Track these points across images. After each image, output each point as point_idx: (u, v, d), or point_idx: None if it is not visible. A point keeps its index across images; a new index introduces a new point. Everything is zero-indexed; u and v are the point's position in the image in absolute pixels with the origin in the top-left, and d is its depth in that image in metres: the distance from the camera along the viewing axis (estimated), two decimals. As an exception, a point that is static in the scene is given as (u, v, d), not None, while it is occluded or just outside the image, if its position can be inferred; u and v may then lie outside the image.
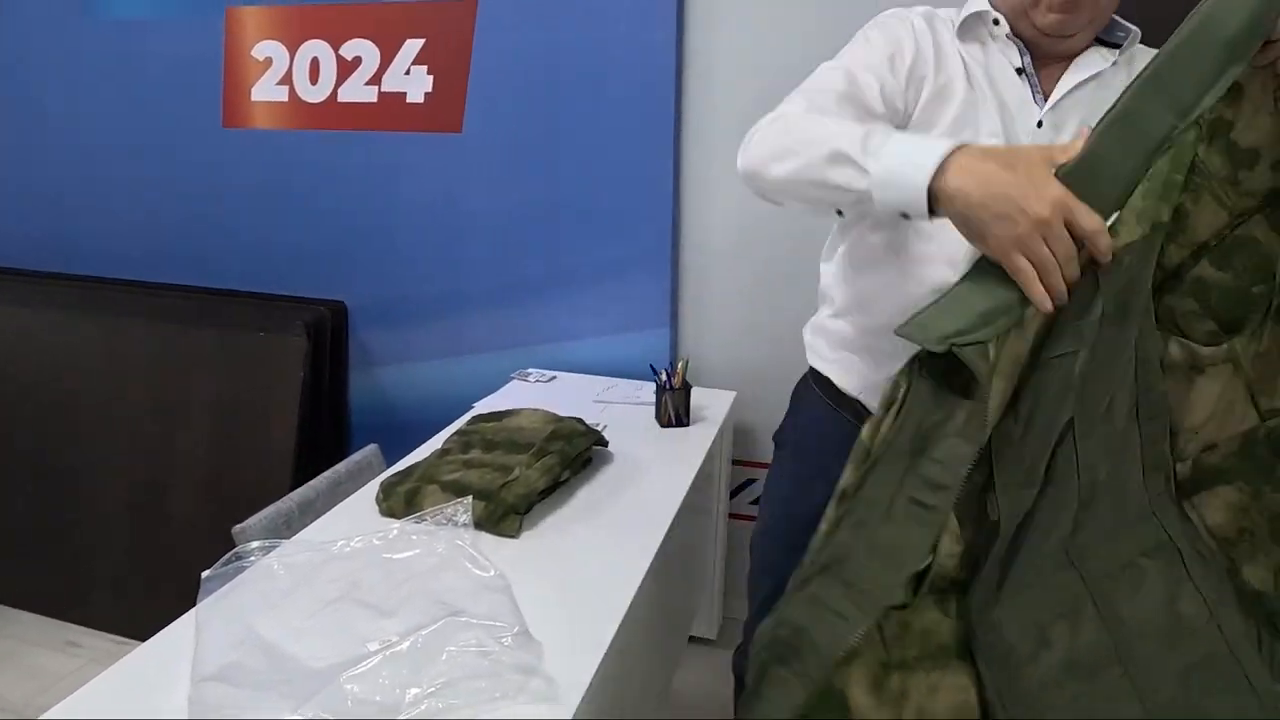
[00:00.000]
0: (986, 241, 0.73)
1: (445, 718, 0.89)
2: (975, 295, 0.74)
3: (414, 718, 0.89)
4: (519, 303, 2.18)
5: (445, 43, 2.04)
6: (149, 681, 0.99)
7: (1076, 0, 1.00)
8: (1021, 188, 0.71)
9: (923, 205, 0.78)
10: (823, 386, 1.24)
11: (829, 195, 0.88)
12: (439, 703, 0.91)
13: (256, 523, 1.33)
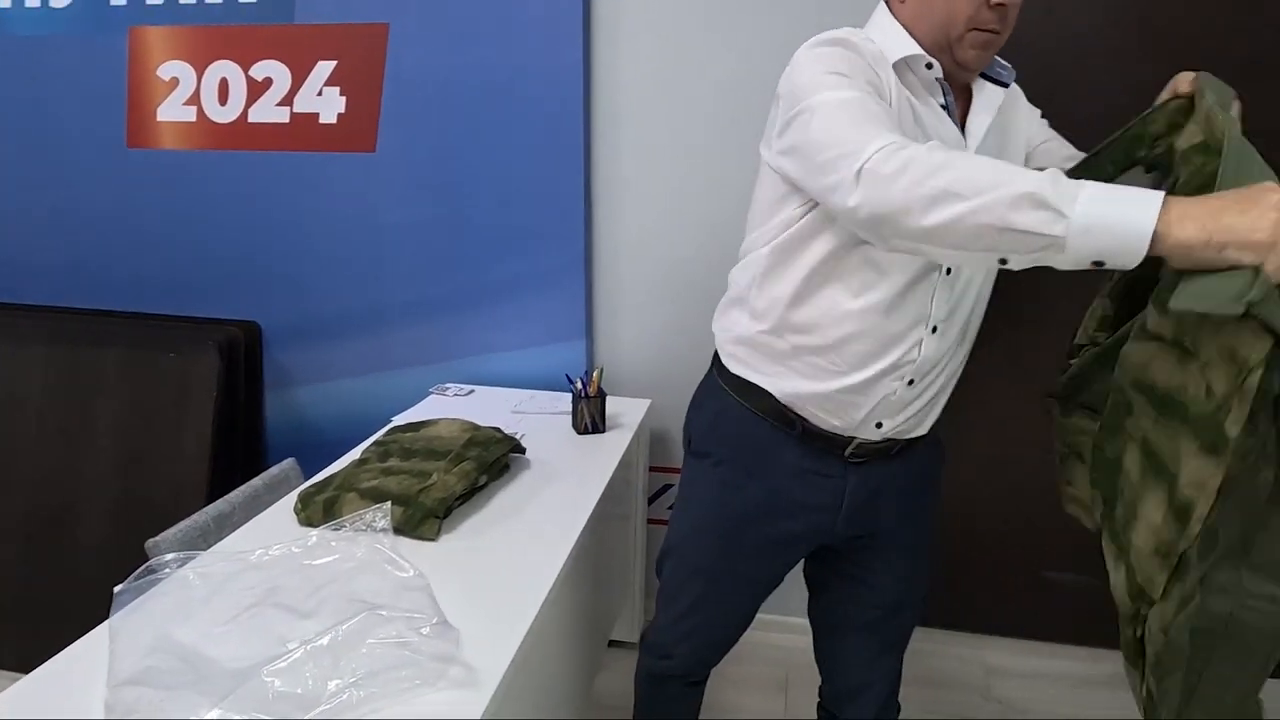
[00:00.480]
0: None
1: (366, 707, 0.93)
2: (1214, 281, 0.75)
3: (334, 709, 0.92)
4: (436, 319, 2.21)
5: (357, 65, 2.07)
6: (62, 691, 0.99)
7: (996, 38, 1.05)
8: (1243, 212, 0.75)
9: (1140, 252, 0.78)
10: (749, 395, 1.24)
11: (1009, 241, 0.83)
12: (361, 692, 0.94)
13: (171, 536, 1.33)
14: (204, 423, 2.05)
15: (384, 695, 0.95)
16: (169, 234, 2.28)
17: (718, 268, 1.37)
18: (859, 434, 1.19)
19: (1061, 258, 0.82)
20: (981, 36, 1.04)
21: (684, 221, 2.06)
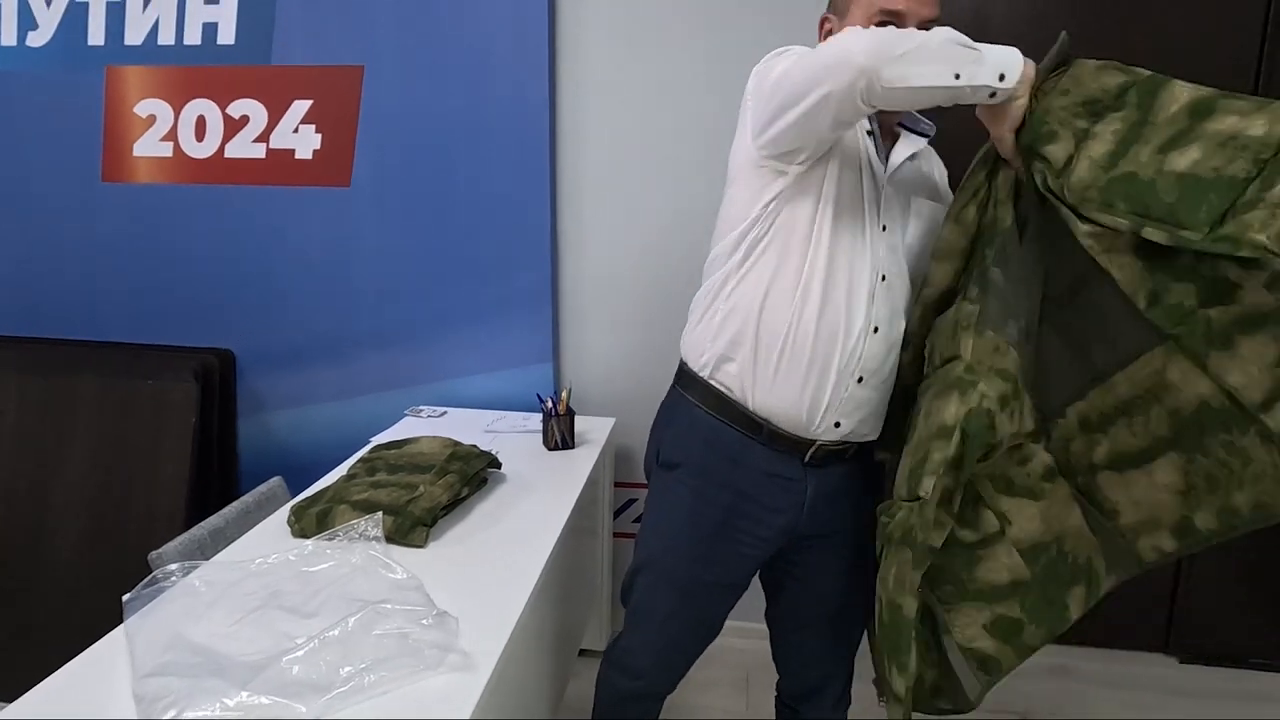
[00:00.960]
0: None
1: (376, 689, 1.03)
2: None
3: (348, 691, 1.02)
4: (408, 344, 2.31)
5: (333, 103, 2.18)
6: (87, 687, 1.06)
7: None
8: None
9: (1018, 66, 1.09)
10: (717, 404, 1.34)
11: (958, 55, 1.07)
12: (371, 676, 1.04)
13: (172, 549, 1.41)
14: (183, 448, 2.11)
15: (391, 679, 1.05)
16: (143, 265, 2.35)
17: (679, 293, 1.50)
18: (820, 436, 1.30)
19: (982, 70, 1.07)
20: None
21: (646, 249, 2.20)
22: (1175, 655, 2.36)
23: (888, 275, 1.27)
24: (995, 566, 1.24)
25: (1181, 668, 2.33)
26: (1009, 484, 1.23)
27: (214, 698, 0.98)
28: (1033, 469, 1.23)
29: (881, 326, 1.28)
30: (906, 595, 1.17)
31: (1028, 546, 1.24)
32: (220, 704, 0.97)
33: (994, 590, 1.24)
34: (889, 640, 1.21)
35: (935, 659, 1.33)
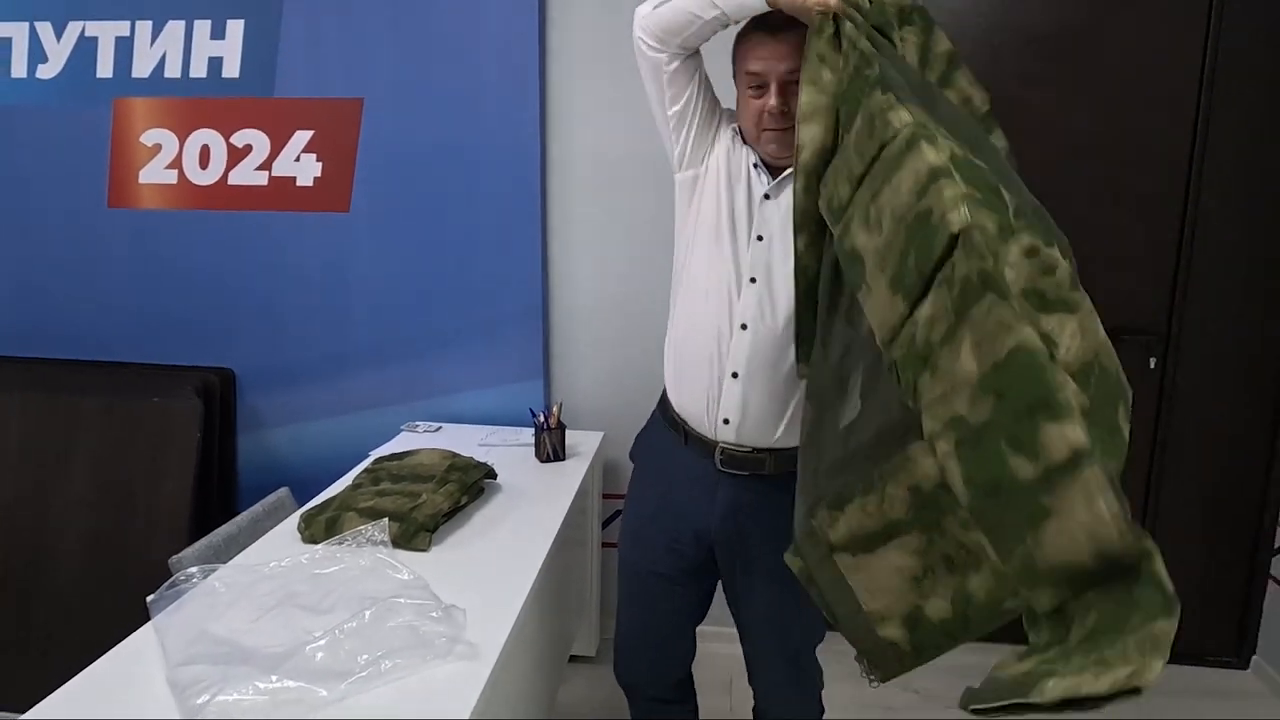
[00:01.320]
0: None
1: (392, 674, 1.12)
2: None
3: (368, 676, 1.11)
4: (404, 363, 2.41)
5: (334, 133, 2.29)
6: (121, 680, 1.15)
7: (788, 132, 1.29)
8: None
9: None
10: (661, 404, 1.56)
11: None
12: (388, 663, 1.13)
13: (191, 554, 1.49)
14: (186, 463, 2.19)
15: (405, 666, 1.14)
16: (146, 287, 2.43)
17: (663, 312, 1.61)
18: (720, 436, 1.42)
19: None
20: (773, 134, 1.34)
21: (632, 270, 2.32)
22: (1136, 654, 2.49)
23: (757, 278, 1.37)
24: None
25: (1141, 666, 2.46)
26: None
27: (245, 682, 1.07)
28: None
29: (750, 324, 1.38)
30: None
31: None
32: (252, 687, 1.06)
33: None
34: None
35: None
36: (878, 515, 1.01)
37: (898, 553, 1.00)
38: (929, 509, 0.96)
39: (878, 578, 1.03)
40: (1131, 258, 2.28)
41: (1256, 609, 2.39)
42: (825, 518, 1.07)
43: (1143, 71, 2.19)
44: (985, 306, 0.83)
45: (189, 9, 2.28)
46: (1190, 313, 2.28)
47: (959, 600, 0.97)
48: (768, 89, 1.31)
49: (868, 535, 1.03)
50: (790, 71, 1.27)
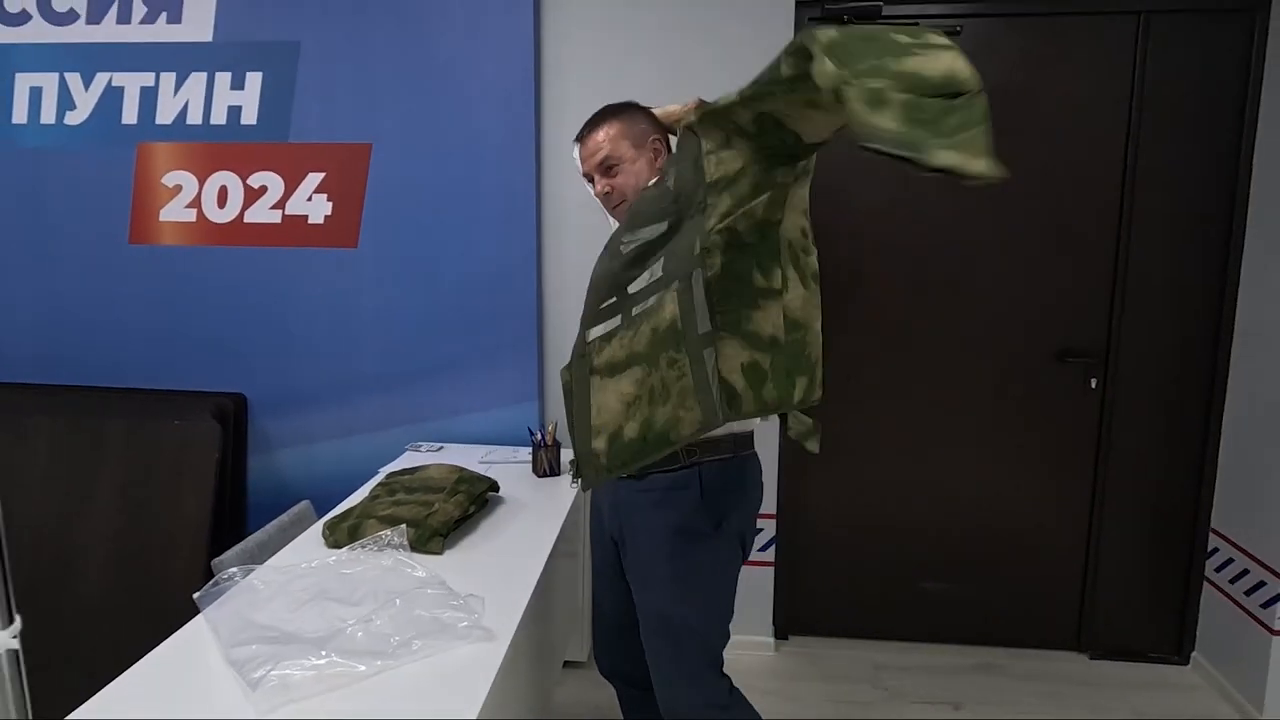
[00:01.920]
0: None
1: (422, 653, 1.29)
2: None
3: (404, 654, 1.28)
4: (407, 387, 2.58)
5: (344, 175, 2.48)
6: (183, 661, 1.31)
7: (608, 196, 1.62)
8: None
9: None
10: None
11: None
12: (417, 644, 1.30)
13: (231, 556, 1.66)
14: (206, 483, 2.35)
15: (432, 646, 1.31)
16: (164, 317, 2.60)
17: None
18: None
19: None
20: (614, 210, 1.62)
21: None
22: (1086, 652, 2.69)
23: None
24: (765, 319, 1.31)
25: (1091, 663, 2.66)
26: (796, 260, 1.33)
27: (297, 658, 1.24)
28: (810, 264, 1.36)
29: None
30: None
31: (790, 319, 1.32)
32: (303, 664, 1.23)
33: (756, 339, 1.30)
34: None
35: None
36: (629, 347, 1.34)
37: (627, 381, 1.34)
38: (656, 346, 1.30)
39: (608, 399, 1.36)
40: (1072, 289, 2.52)
41: (1194, 609, 2.60)
42: (597, 346, 1.40)
43: (1076, 120, 2.44)
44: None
45: (211, 62, 2.47)
46: (1125, 337, 2.51)
47: (644, 426, 1.32)
48: (594, 181, 1.63)
49: (616, 363, 1.36)
50: (598, 164, 1.60)
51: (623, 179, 1.60)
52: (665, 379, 1.30)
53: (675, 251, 1.34)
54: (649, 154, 1.62)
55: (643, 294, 1.36)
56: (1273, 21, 2.32)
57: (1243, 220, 2.41)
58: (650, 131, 1.63)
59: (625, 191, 1.60)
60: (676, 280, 1.30)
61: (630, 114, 1.64)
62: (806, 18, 2.43)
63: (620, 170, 1.60)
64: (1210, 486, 2.54)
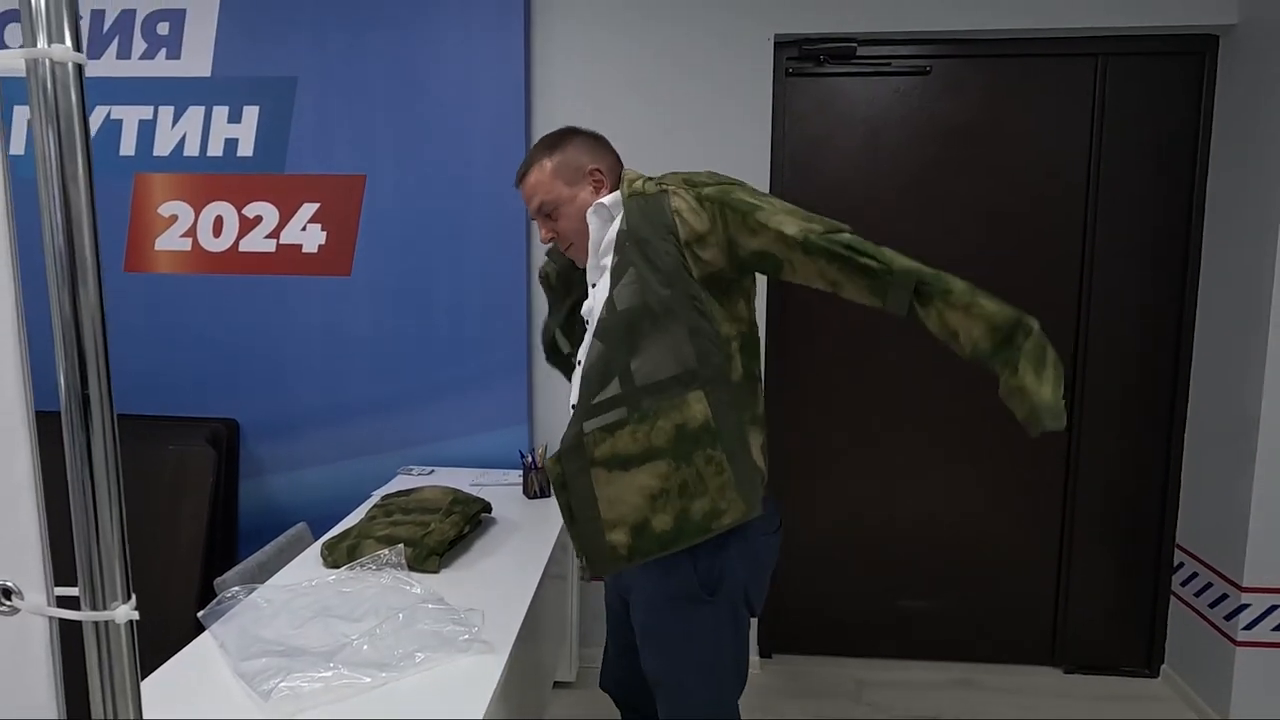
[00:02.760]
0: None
1: (425, 664, 1.35)
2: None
3: (408, 665, 1.33)
4: (399, 412, 2.63)
5: (338, 206, 2.55)
6: (194, 675, 1.35)
7: (572, 249, 1.54)
8: None
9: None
10: None
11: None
12: (420, 656, 1.36)
13: (233, 575, 1.70)
14: (201, 507, 2.38)
15: (434, 658, 1.37)
16: (158, 344, 2.64)
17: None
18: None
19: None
20: (565, 253, 1.58)
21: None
22: (1060, 666, 2.77)
23: (580, 362, 1.49)
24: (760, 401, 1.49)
25: (1065, 677, 2.74)
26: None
27: (306, 670, 1.29)
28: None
29: (574, 408, 1.47)
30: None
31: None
32: (312, 675, 1.28)
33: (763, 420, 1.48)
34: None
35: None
36: (643, 441, 1.33)
37: (646, 475, 1.33)
38: (685, 443, 1.32)
39: (623, 492, 1.34)
40: (1039, 315, 2.61)
41: (1162, 623, 2.69)
42: (595, 437, 1.36)
43: (1040, 153, 2.57)
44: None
45: (209, 96, 2.54)
46: (1092, 358, 2.62)
47: (679, 518, 1.33)
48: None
49: (628, 456, 1.34)
50: (536, 211, 1.54)
51: (565, 223, 1.52)
52: (702, 474, 1.32)
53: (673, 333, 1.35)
54: (588, 186, 1.52)
55: (655, 388, 1.34)
56: (1220, 62, 2.47)
57: (1198, 246, 2.55)
58: (587, 162, 1.52)
59: (569, 235, 1.53)
60: (699, 381, 1.33)
61: (562, 147, 1.53)
62: (785, 57, 2.55)
63: (560, 213, 1.52)
64: (1174, 503, 2.65)
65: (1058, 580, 2.74)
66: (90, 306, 0.55)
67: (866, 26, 2.47)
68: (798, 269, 1.33)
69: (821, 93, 2.59)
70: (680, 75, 2.51)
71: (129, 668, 0.54)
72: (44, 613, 0.54)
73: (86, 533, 0.54)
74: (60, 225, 0.55)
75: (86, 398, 0.55)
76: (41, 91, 0.53)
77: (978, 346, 1.26)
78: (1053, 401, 1.21)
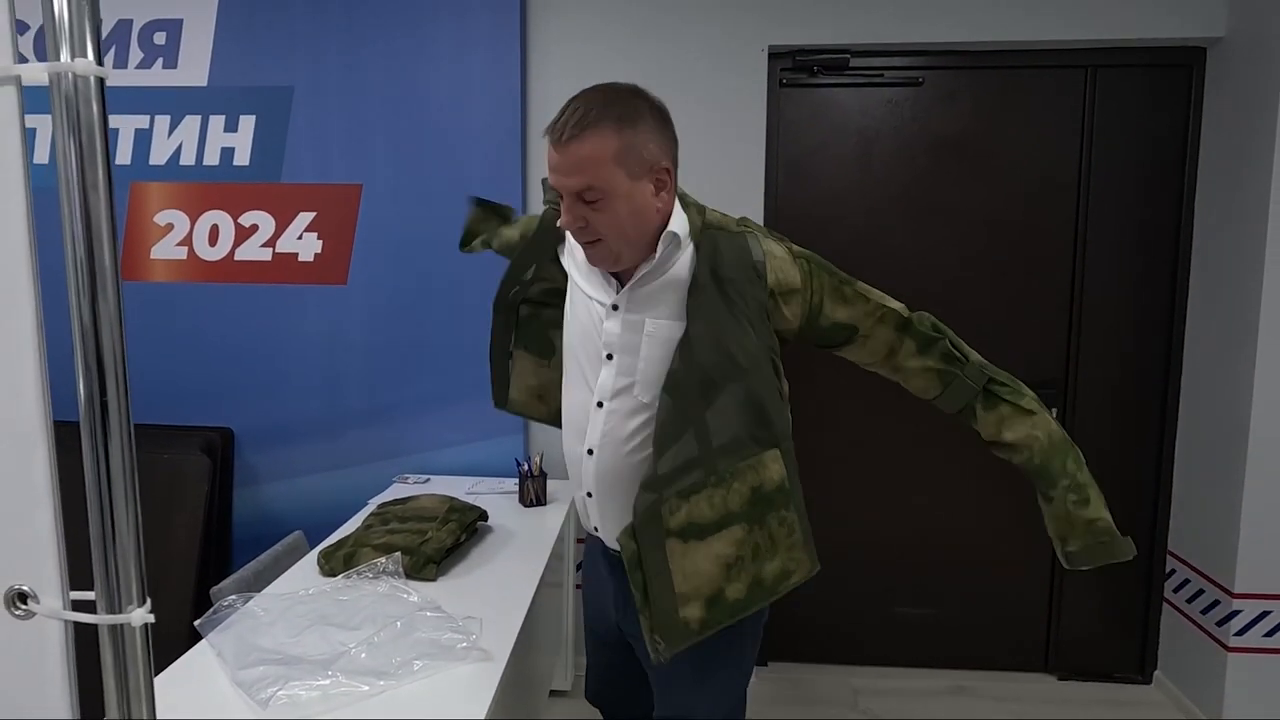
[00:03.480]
0: None
1: (423, 672, 1.35)
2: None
3: (405, 673, 1.34)
4: (394, 420, 2.64)
5: (334, 215, 2.56)
6: (191, 684, 1.35)
7: (597, 245, 1.24)
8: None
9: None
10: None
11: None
12: (418, 664, 1.36)
13: (229, 584, 1.69)
14: (195, 516, 2.37)
15: (432, 666, 1.37)
16: (153, 353, 2.63)
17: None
18: (605, 539, 1.40)
19: None
20: (583, 246, 1.28)
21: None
22: (1054, 674, 2.78)
23: (604, 401, 1.32)
24: None
25: (1059, 683, 2.75)
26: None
27: (304, 678, 1.29)
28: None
29: (595, 450, 1.33)
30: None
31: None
32: (310, 684, 1.28)
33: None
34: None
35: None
36: (720, 506, 1.23)
37: (722, 542, 1.24)
38: (760, 505, 1.25)
39: (698, 564, 1.23)
40: (1032, 322, 2.65)
41: (1154, 629, 2.71)
42: (673, 505, 1.22)
43: (1031, 162, 2.60)
44: None
45: (206, 106, 2.55)
46: (1084, 366, 2.65)
47: (752, 585, 1.26)
48: (560, 199, 1.23)
49: (704, 524, 1.23)
50: (585, 189, 1.18)
51: (608, 219, 1.20)
52: (774, 536, 1.27)
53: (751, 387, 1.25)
54: (651, 186, 1.21)
55: (733, 447, 1.24)
56: (1208, 74, 2.50)
57: (1187, 254, 2.57)
58: (660, 157, 1.21)
59: (606, 234, 1.22)
60: (775, 440, 1.27)
61: (635, 124, 1.18)
62: (779, 68, 2.57)
63: (607, 206, 1.19)
64: (1166, 510, 2.66)
65: (1051, 587, 2.75)
66: (109, 314, 0.56)
67: (859, 38, 2.50)
68: (869, 346, 1.33)
69: (815, 103, 2.61)
70: (675, 86, 2.52)
71: (144, 670, 0.55)
72: (60, 616, 0.55)
73: (103, 537, 0.54)
74: (81, 235, 0.56)
75: (105, 404, 0.55)
76: (64, 104, 0.54)
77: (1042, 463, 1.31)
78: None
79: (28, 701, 0.55)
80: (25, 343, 0.57)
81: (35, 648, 0.56)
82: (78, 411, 0.59)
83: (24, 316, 0.57)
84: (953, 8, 2.47)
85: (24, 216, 0.58)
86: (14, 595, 0.56)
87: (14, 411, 0.59)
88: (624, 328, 1.29)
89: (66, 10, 0.54)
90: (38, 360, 0.58)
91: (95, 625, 0.54)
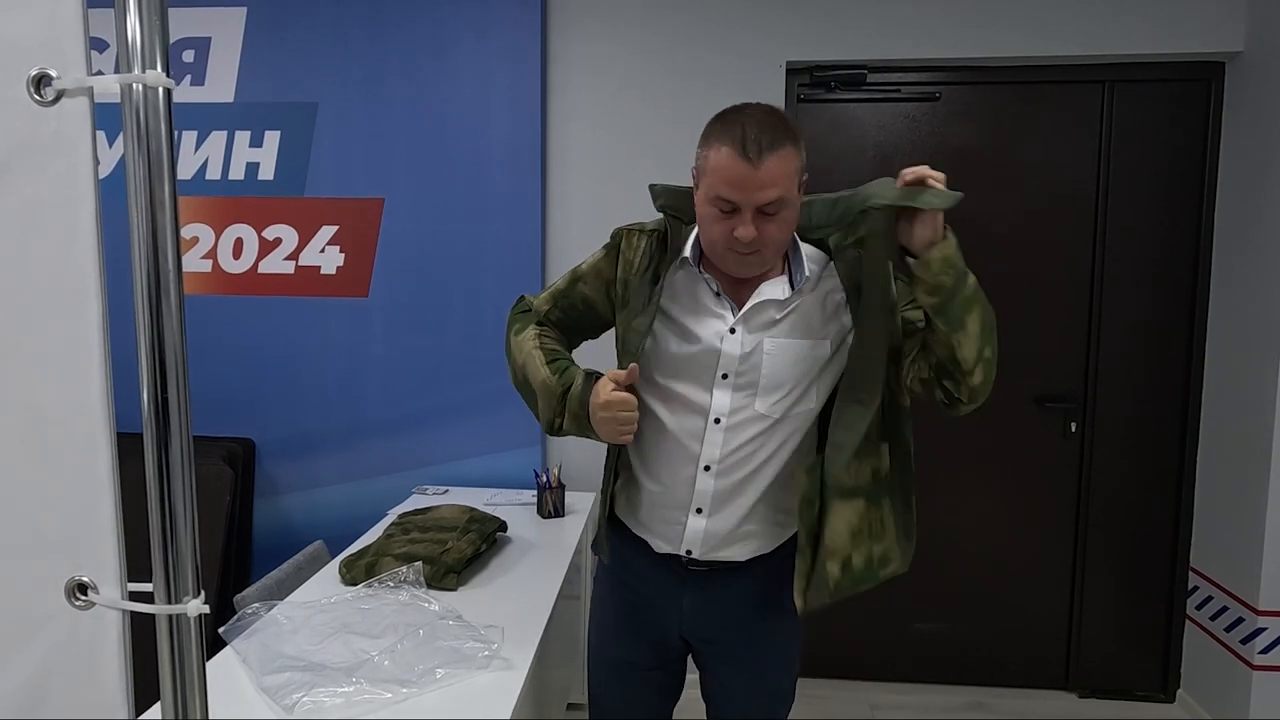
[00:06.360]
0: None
1: (445, 680, 1.36)
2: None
3: (428, 681, 1.34)
4: (413, 432, 2.66)
5: (357, 228, 2.59)
6: (213, 693, 1.36)
7: (755, 255, 1.26)
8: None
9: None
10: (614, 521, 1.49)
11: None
12: (440, 672, 1.37)
13: (252, 592, 1.71)
14: (217, 526, 2.39)
15: (454, 675, 1.38)
16: (177, 365, 2.66)
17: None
18: (683, 554, 1.39)
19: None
20: (737, 256, 1.27)
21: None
22: (1074, 690, 2.75)
23: (722, 418, 1.33)
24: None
25: (1080, 701, 2.72)
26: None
27: (329, 685, 1.30)
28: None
29: (714, 466, 1.34)
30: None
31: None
32: (334, 690, 1.29)
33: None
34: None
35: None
36: (855, 478, 1.31)
37: (852, 510, 1.31)
38: (880, 488, 1.34)
39: (839, 524, 1.31)
40: (1050, 338, 2.65)
41: (1177, 646, 2.68)
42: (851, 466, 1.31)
43: (1048, 177, 2.60)
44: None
45: (231, 121, 2.60)
46: (1103, 381, 2.63)
47: (867, 560, 1.34)
48: (738, 214, 1.23)
49: (846, 489, 1.30)
50: (768, 203, 1.22)
51: (778, 230, 1.26)
52: (885, 520, 1.35)
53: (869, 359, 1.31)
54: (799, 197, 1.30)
55: (871, 432, 1.29)
56: (1227, 89, 2.50)
57: (1208, 268, 2.56)
58: (803, 169, 1.30)
59: (772, 244, 1.27)
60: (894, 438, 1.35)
61: (799, 141, 1.27)
62: (796, 84, 2.59)
63: (781, 219, 1.25)
64: (1188, 526, 2.64)
65: (1071, 604, 2.73)
66: (173, 321, 0.59)
67: (877, 54, 2.52)
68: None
69: (833, 118, 2.63)
70: (694, 103, 2.55)
71: (197, 659, 0.56)
72: (119, 606, 0.57)
73: (163, 528, 0.57)
74: (147, 246, 0.58)
75: (166, 402, 0.58)
76: (134, 116, 0.56)
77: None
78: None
79: (84, 692, 0.57)
80: (92, 348, 0.60)
81: (93, 638, 0.58)
82: (133, 423, 0.61)
83: (91, 322, 0.60)
84: (969, 25, 2.48)
85: (93, 226, 0.61)
86: (74, 586, 0.58)
87: (80, 413, 0.64)
88: (744, 347, 1.32)
89: (139, 26, 0.57)
90: (103, 365, 0.61)
91: (144, 620, 0.56)
